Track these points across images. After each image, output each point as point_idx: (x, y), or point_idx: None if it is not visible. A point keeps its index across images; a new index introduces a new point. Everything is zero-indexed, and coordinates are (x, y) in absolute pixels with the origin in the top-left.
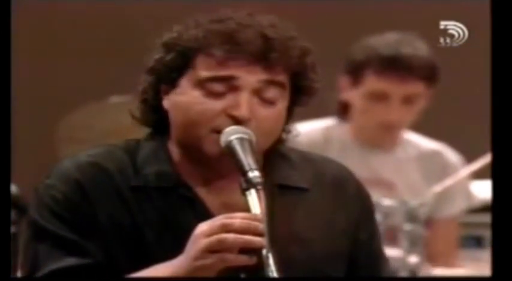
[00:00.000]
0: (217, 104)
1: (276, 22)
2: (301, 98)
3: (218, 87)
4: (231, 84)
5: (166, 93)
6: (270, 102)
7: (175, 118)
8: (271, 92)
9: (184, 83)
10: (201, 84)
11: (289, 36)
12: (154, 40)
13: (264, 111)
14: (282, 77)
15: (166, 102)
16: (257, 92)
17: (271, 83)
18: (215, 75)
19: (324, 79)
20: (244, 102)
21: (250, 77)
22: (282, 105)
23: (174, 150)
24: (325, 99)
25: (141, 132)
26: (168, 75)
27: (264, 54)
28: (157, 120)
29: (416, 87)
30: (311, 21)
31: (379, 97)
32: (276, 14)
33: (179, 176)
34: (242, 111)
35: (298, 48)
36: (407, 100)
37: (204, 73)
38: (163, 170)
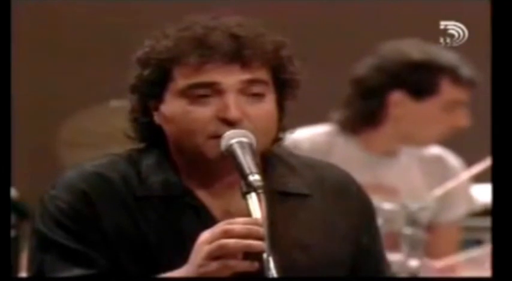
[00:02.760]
0: (206, 111)
1: (243, 21)
2: (287, 92)
3: (202, 93)
4: (214, 89)
5: (156, 108)
6: (257, 100)
7: (169, 131)
8: (255, 90)
9: (169, 96)
10: (184, 94)
11: (258, 32)
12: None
13: (254, 110)
14: (262, 74)
15: (157, 118)
16: (241, 92)
17: (252, 82)
18: (195, 83)
19: (323, 80)
20: (232, 104)
21: (230, 79)
22: (270, 101)
23: (177, 159)
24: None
25: None
26: (150, 91)
27: (237, 52)
28: (151, 135)
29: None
30: (311, 22)
31: (456, 105)
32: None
33: (184, 185)
34: (232, 113)
35: (271, 43)
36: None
37: (184, 82)
38: (169, 179)
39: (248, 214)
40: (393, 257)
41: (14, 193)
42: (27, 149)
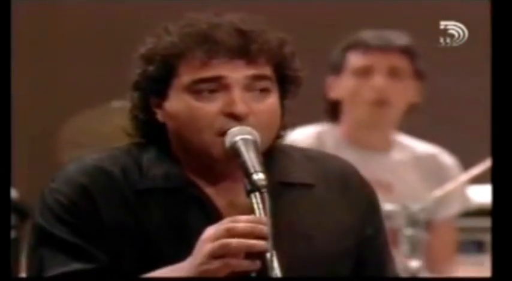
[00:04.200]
0: (212, 106)
1: (246, 18)
2: (289, 89)
3: (207, 88)
4: (219, 84)
5: (158, 106)
6: (262, 96)
7: (174, 128)
8: (260, 86)
9: (173, 92)
10: (189, 89)
11: (262, 28)
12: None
13: (259, 106)
14: (266, 70)
15: (161, 116)
16: (247, 88)
17: (257, 77)
18: (201, 78)
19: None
20: (238, 99)
21: (236, 74)
22: (274, 97)
23: (179, 154)
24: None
25: None
26: (154, 87)
27: (243, 48)
28: (152, 133)
29: (400, 60)
30: (311, 21)
31: (365, 72)
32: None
33: (187, 177)
34: (239, 108)
35: (275, 39)
36: (393, 73)
37: (189, 77)
38: (171, 171)
39: (252, 211)
40: None
41: (14, 193)
42: (27, 149)
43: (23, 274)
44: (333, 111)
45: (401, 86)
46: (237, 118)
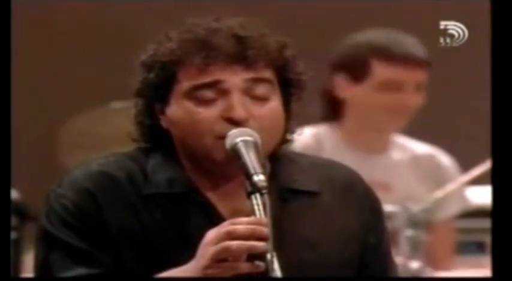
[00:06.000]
0: (212, 111)
1: (244, 22)
2: (292, 93)
3: (207, 94)
4: (218, 89)
5: (162, 113)
6: (262, 100)
7: (177, 134)
8: (260, 90)
9: (174, 99)
10: (189, 95)
11: (261, 33)
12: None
13: (259, 110)
14: (266, 73)
15: (164, 122)
16: (246, 92)
17: (257, 80)
18: (200, 83)
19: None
20: (237, 103)
21: (234, 78)
22: (275, 101)
23: (183, 160)
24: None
25: None
26: (156, 94)
27: (241, 53)
28: (156, 138)
29: (424, 75)
30: (310, 21)
31: (394, 87)
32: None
33: (191, 182)
34: (238, 112)
35: (274, 43)
36: (418, 88)
37: (189, 84)
38: (175, 177)
39: (253, 213)
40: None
41: (15, 194)
42: (28, 150)
43: (23, 274)
44: (335, 110)
45: (421, 99)
46: (236, 123)
